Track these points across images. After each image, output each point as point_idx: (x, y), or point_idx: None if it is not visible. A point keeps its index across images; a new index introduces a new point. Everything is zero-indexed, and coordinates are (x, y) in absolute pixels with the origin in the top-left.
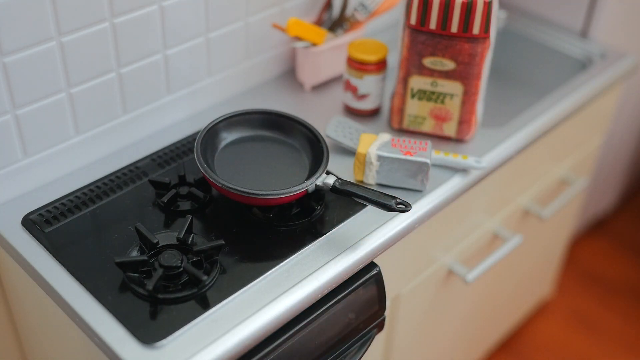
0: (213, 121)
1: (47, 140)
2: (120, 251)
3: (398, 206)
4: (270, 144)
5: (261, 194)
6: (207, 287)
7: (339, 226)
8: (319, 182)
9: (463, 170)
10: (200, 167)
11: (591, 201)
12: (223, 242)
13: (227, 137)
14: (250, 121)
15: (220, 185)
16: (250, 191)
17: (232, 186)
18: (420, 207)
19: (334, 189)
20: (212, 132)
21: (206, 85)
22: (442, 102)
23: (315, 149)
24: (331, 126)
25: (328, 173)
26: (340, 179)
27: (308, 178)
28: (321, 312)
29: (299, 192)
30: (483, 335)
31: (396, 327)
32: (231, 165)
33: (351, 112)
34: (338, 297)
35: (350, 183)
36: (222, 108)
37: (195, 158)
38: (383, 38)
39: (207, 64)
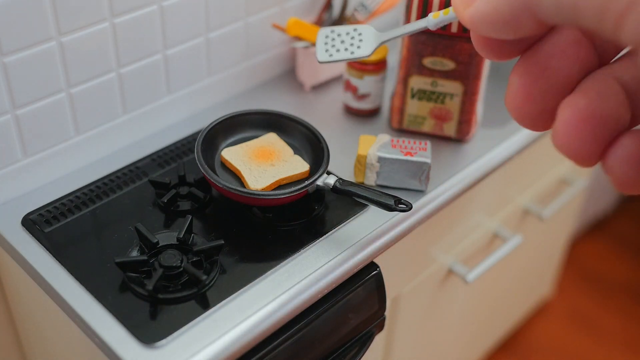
0: (213, 122)
1: (47, 140)
2: (120, 251)
3: (399, 206)
4: None
5: (261, 195)
6: (207, 287)
7: (339, 226)
8: (319, 182)
9: (463, 169)
10: (200, 168)
11: (591, 201)
12: (223, 242)
13: (228, 137)
14: (251, 121)
15: (220, 186)
16: (250, 191)
17: (232, 187)
18: (420, 207)
19: (335, 189)
20: (212, 133)
21: (206, 85)
22: (442, 102)
23: (316, 149)
24: (320, 48)
25: (329, 173)
26: (341, 179)
27: (308, 178)
28: (321, 312)
29: (299, 192)
30: (483, 335)
31: (396, 327)
32: None
33: (351, 112)
34: (338, 297)
35: (352, 183)
36: (222, 108)
37: (196, 159)
38: None
39: (207, 64)
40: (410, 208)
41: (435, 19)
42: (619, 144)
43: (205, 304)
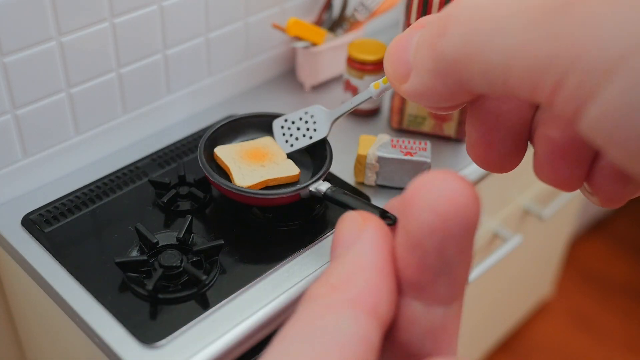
0: (220, 122)
1: (47, 140)
2: (120, 251)
3: (384, 220)
4: None
5: (258, 194)
6: (207, 287)
7: None
8: (312, 187)
9: (463, 169)
10: (202, 166)
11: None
12: (223, 242)
13: (233, 139)
14: (257, 124)
15: (218, 184)
16: (248, 190)
17: (231, 185)
18: None
19: (325, 196)
20: (215, 135)
21: (206, 85)
22: None
23: (319, 150)
24: (280, 140)
25: (326, 179)
26: (334, 186)
27: (310, 179)
28: None
29: (296, 192)
30: (483, 335)
31: None
32: None
33: (351, 112)
34: None
35: (342, 192)
36: (222, 108)
37: (198, 157)
38: (383, 38)
39: (207, 64)
40: (395, 222)
41: (376, 89)
42: (602, 165)
43: (205, 304)
